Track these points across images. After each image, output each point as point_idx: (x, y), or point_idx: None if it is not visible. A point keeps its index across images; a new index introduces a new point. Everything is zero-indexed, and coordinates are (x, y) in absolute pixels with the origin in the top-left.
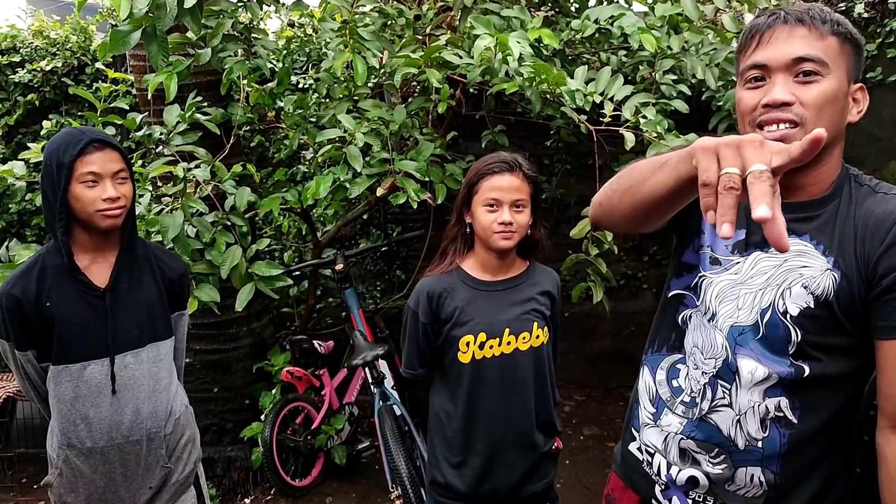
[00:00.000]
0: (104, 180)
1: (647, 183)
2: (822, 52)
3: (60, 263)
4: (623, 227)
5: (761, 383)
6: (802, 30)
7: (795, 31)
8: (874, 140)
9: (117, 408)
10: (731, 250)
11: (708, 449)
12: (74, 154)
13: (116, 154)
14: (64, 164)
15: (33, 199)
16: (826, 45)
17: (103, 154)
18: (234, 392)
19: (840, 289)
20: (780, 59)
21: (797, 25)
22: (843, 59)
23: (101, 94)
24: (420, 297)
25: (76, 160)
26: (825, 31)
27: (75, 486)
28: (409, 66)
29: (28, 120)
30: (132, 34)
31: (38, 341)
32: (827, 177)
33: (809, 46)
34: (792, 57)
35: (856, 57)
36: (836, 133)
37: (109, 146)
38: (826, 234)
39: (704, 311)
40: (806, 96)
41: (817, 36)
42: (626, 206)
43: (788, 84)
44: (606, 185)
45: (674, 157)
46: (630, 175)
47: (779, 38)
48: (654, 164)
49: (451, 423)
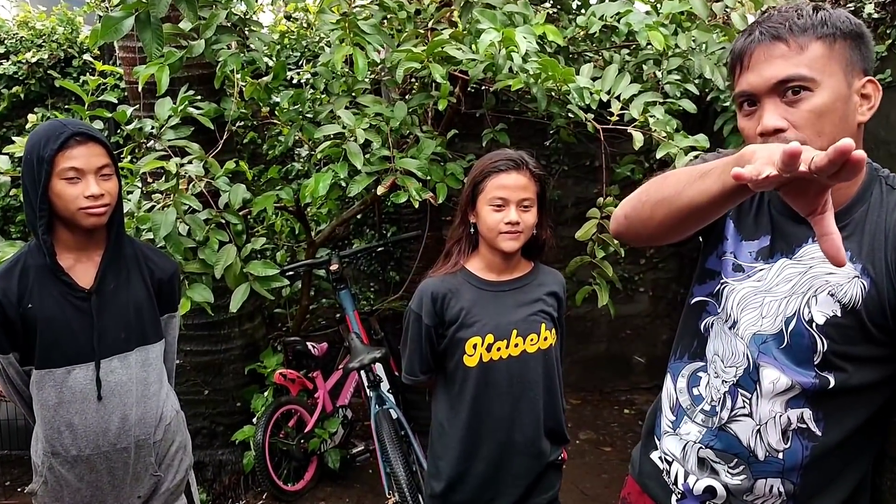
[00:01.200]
0: (87, 176)
1: (687, 192)
2: (806, 66)
3: (43, 263)
4: (647, 240)
5: (783, 393)
6: (781, 47)
7: (774, 51)
8: (882, 143)
9: (103, 414)
10: (754, 257)
11: (727, 459)
12: (55, 148)
13: (100, 148)
14: (44, 159)
15: (18, 194)
16: (809, 57)
17: (86, 148)
18: (226, 394)
19: (869, 297)
20: (763, 85)
21: (775, 43)
22: (834, 62)
23: (89, 86)
24: (423, 298)
25: (57, 154)
26: (806, 40)
27: (60, 496)
28: (412, 60)
29: (13, 113)
30: (125, 21)
31: (20, 344)
32: (848, 184)
33: (790, 65)
34: (773, 81)
35: (855, 51)
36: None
37: (93, 140)
38: (854, 241)
39: (726, 318)
40: (797, 117)
41: (797, 49)
42: (660, 216)
43: (778, 108)
44: (633, 198)
45: (719, 165)
46: (663, 186)
47: (758, 62)
48: (693, 174)
49: (455, 430)
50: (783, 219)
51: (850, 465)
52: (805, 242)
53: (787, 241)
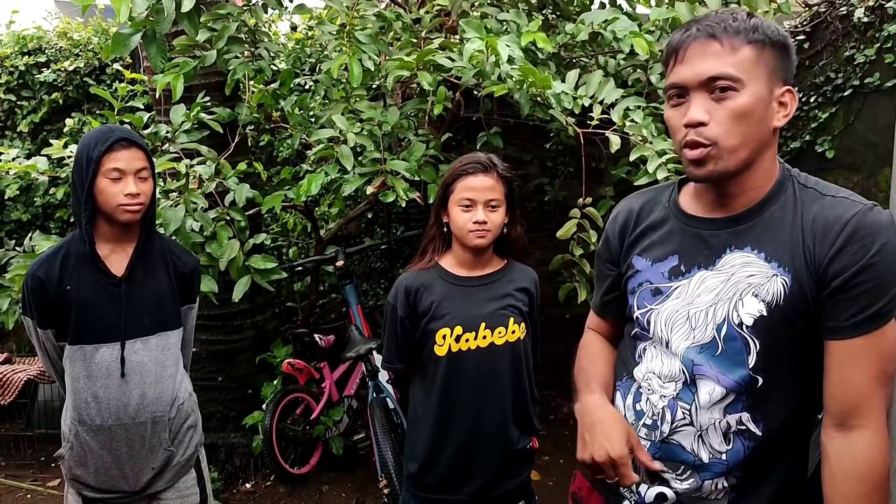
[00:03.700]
0: (127, 177)
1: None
2: (735, 67)
3: (83, 251)
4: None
5: (720, 402)
6: (715, 45)
7: (708, 48)
8: (870, 146)
9: (125, 390)
10: (667, 276)
11: (674, 467)
12: (102, 150)
13: (141, 153)
14: (92, 159)
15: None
16: (739, 58)
17: (129, 152)
18: (238, 381)
19: (791, 292)
20: (694, 79)
21: (709, 41)
22: (760, 67)
23: (119, 93)
24: (398, 291)
25: (104, 156)
26: (738, 43)
27: (84, 461)
28: (402, 68)
29: (52, 118)
30: (133, 37)
31: (57, 321)
32: (760, 182)
33: (722, 64)
34: (704, 77)
35: (779, 60)
36: (759, 142)
37: (135, 145)
38: (767, 241)
39: (659, 340)
40: (719, 115)
41: (729, 50)
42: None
43: (705, 102)
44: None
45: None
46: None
47: (692, 57)
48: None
49: (427, 417)
50: (696, 231)
51: (785, 451)
52: (724, 252)
53: (703, 253)
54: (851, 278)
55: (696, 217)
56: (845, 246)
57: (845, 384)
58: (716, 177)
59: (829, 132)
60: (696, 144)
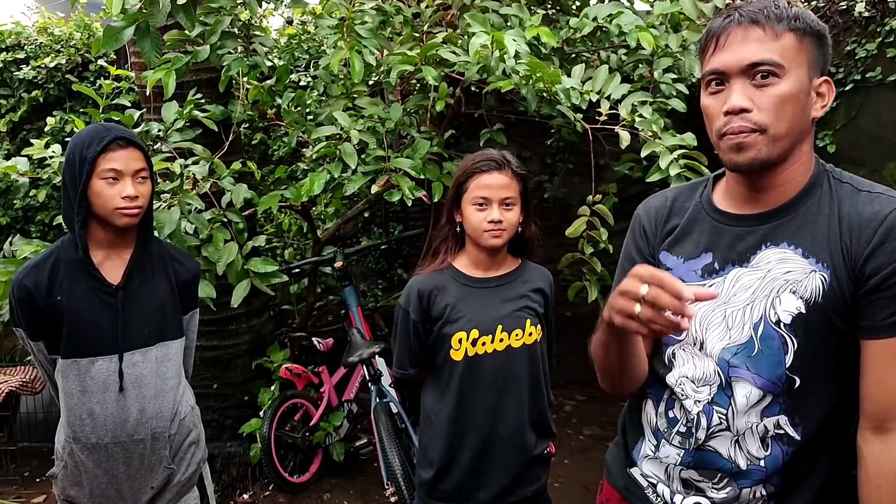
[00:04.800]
0: (125, 178)
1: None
2: (778, 54)
3: (75, 258)
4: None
5: (757, 405)
6: (757, 31)
7: (750, 34)
8: (874, 140)
9: (123, 405)
10: (700, 275)
11: (710, 476)
12: (98, 150)
13: (139, 153)
14: (87, 159)
15: (37, 195)
16: (782, 44)
17: (126, 152)
18: (234, 388)
19: (830, 288)
20: (736, 65)
21: (751, 27)
22: (802, 56)
23: (104, 90)
24: (411, 295)
25: (99, 156)
26: (781, 30)
27: (79, 480)
28: (405, 63)
29: (32, 116)
30: (125, 30)
31: (48, 333)
32: (797, 176)
33: (764, 49)
34: (746, 63)
35: (818, 50)
36: (800, 131)
37: (133, 144)
38: (804, 236)
39: (692, 341)
40: (762, 101)
41: (772, 36)
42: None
43: (746, 89)
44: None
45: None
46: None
47: (734, 42)
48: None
49: (441, 422)
50: (730, 228)
51: (823, 455)
52: (759, 249)
53: (737, 250)
54: (888, 277)
55: (729, 213)
56: (882, 244)
57: (882, 385)
58: (757, 165)
59: (830, 127)
60: (740, 130)
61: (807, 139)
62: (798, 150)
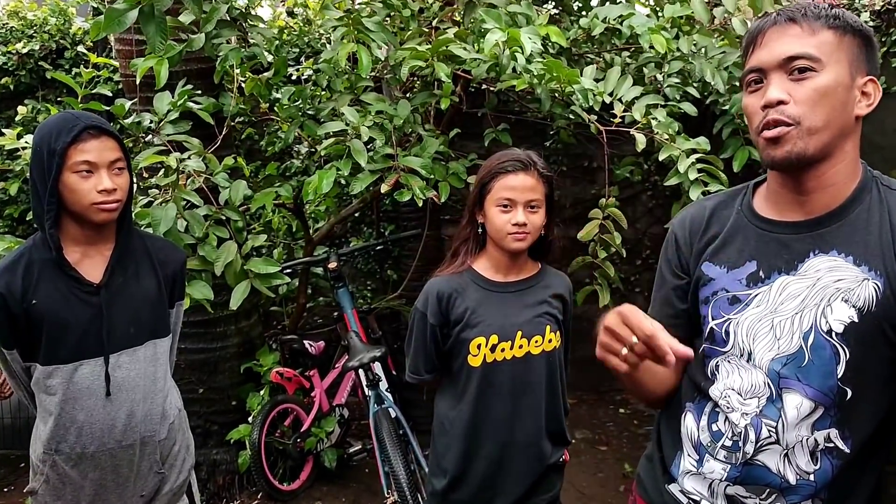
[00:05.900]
0: (100, 170)
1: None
2: (815, 48)
3: (48, 257)
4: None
5: (808, 417)
6: (794, 28)
7: (787, 31)
8: (877, 148)
9: (110, 411)
10: (745, 284)
11: (758, 491)
12: (68, 140)
13: (113, 142)
14: (56, 151)
15: (7, 187)
16: (820, 39)
17: (99, 142)
18: (221, 393)
19: (884, 297)
20: (773, 60)
21: (788, 24)
22: (842, 52)
23: (83, 79)
24: (429, 297)
25: (70, 147)
26: (818, 26)
27: (62, 493)
28: (417, 58)
29: (2, 105)
30: (128, 13)
31: (23, 340)
32: (842, 178)
33: (801, 44)
34: (783, 56)
35: (861, 49)
36: (839, 127)
37: (106, 133)
38: (855, 244)
39: (739, 353)
40: (799, 93)
41: (809, 32)
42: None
43: (783, 83)
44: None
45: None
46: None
47: (771, 39)
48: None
49: (457, 430)
50: (775, 236)
51: (870, 468)
52: (807, 257)
53: (783, 258)
54: None
55: (772, 220)
56: None
57: None
58: (794, 158)
59: None
60: (776, 123)
61: (850, 138)
62: (840, 148)
